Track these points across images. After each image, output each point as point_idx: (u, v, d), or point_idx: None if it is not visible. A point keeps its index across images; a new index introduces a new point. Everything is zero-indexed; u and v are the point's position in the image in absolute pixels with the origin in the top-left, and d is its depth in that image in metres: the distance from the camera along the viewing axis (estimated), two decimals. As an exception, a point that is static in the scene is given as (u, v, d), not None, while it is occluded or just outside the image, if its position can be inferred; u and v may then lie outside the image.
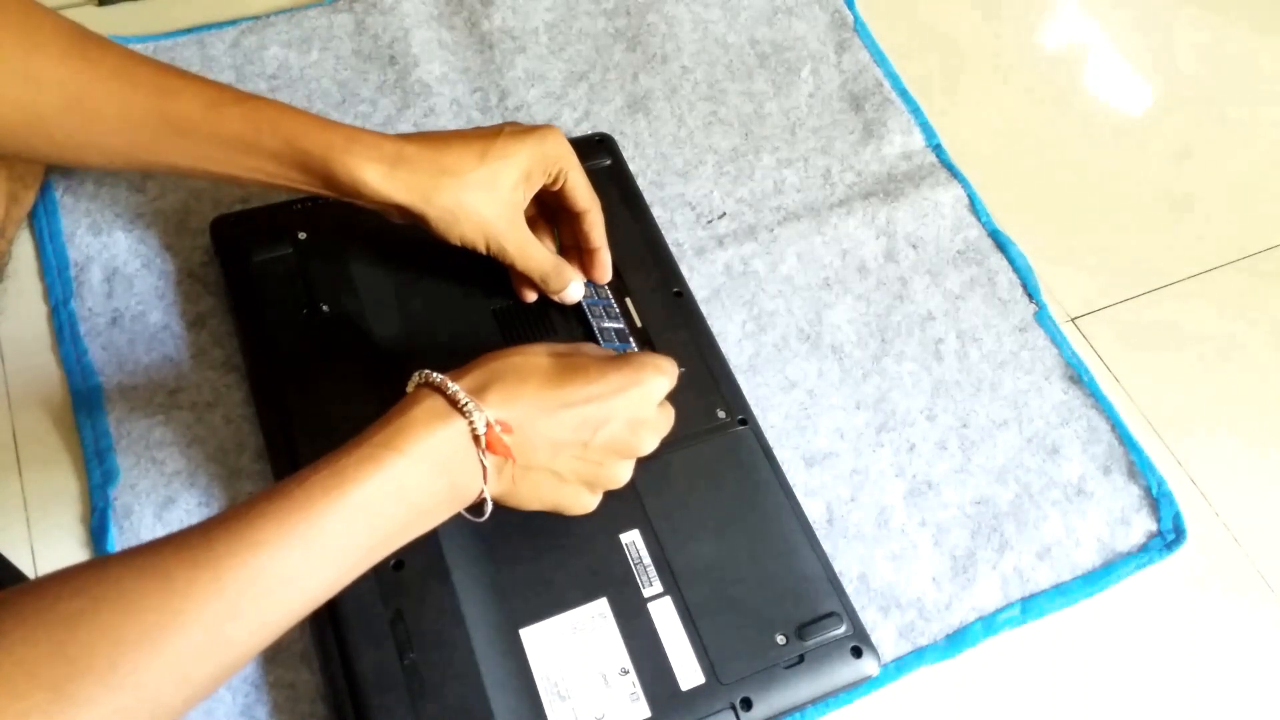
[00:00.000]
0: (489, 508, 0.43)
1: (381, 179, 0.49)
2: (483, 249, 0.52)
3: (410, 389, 0.42)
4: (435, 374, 0.42)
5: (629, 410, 0.45)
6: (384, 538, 0.39)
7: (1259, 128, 0.78)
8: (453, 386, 0.41)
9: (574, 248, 0.57)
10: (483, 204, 0.50)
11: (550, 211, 0.57)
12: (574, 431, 0.44)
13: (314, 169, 0.48)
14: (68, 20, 0.47)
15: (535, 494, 0.45)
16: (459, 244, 0.51)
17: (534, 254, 0.53)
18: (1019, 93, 0.77)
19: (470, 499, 0.42)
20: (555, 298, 0.56)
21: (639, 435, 0.46)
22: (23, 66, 0.45)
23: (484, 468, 0.41)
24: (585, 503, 0.47)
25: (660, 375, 0.47)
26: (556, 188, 0.54)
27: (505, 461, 0.42)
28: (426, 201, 0.49)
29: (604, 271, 0.57)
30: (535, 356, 0.45)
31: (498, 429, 0.41)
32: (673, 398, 0.55)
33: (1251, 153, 0.76)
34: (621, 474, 0.47)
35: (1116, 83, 0.79)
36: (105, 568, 0.34)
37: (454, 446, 0.40)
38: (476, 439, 0.41)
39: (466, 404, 0.41)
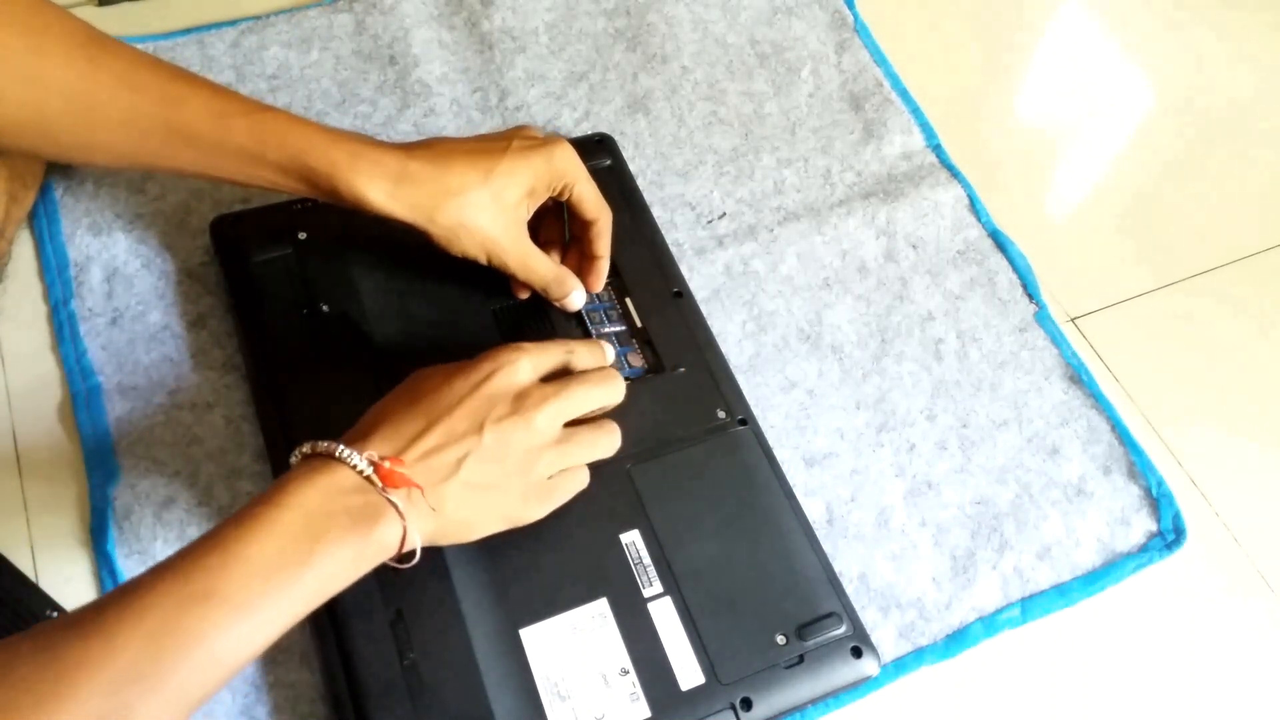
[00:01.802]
0: (418, 550, 0.42)
1: (385, 197, 0.49)
2: (484, 261, 0.52)
3: (293, 462, 0.43)
4: (313, 442, 0.42)
5: (493, 397, 0.45)
6: (295, 594, 0.39)
7: (1259, 127, 0.78)
8: (324, 444, 0.42)
9: (577, 248, 0.57)
10: (485, 222, 0.51)
11: (559, 209, 0.57)
12: (457, 441, 0.44)
13: (319, 184, 0.49)
14: (76, 20, 0.47)
15: (468, 516, 0.45)
16: (460, 256, 0.52)
17: (535, 266, 0.54)
18: (1019, 92, 0.77)
19: (394, 546, 0.42)
20: (557, 305, 0.57)
21: (529, 419, 0.45)
22: (28, 68, 0.45)
23: (394, 505, 0.41)
24: (532, 508, 0.47)
25: (512, 353, 0.47)
26: (563, 199, 0.54)
27: (415, 494, 0.42)
28: (430, 220, 0.50)
29: (598, 280, 0.57)
30: (401, 389, 0.46)
31: (387, 464, 0.41)
32: (674, 398, 0.55)
33: (1252, 152, 0.76)
34: (545, 462, 0.47)
35: (1117, 82, 0.79)
36: None
37: (342, 494, 0.40)
38: (371, 482, 0.41)
39: (341, 451, 0.41)
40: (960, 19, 0.81)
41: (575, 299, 0.56)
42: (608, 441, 0.50)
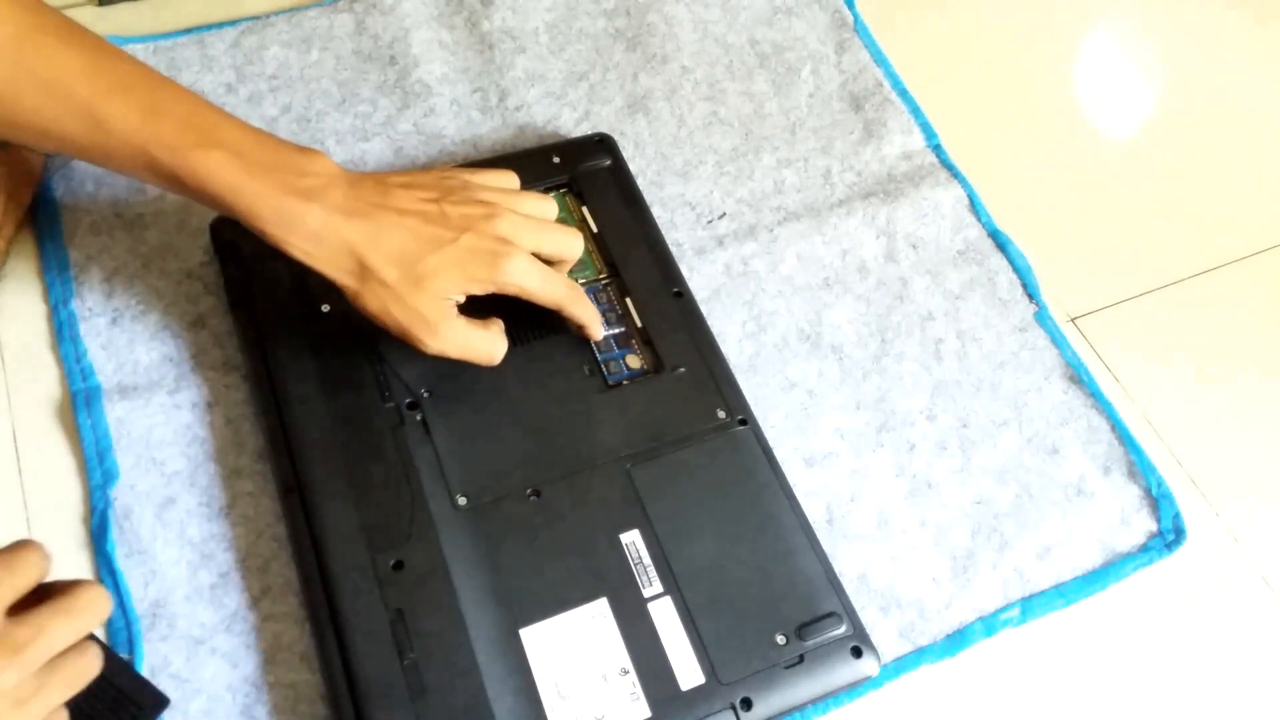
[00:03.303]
0: None
1: (305, 256, 0.48)
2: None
3: None
4: None
5: None
6: None
7: (1260, 126, 0.78)
8: None
9: None
10: (400, 313, 0.49)
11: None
12: None
13: (246, 225, 0.48)
14: (18, 10, 0.45)
15: None
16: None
17: (472, 343, 0.51)
18: (1019, 92, 0.77)
19: None
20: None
21: None
22: None
23: None
24: None
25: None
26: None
27: None
28: (354, 295, 0.49)
29: (593, 332, 0.56)
30: None
31: None
32: (674, 398, 0.55)
33: (1252, 152, 0.76)
34: None
35: (1118, 82, 0.79)
36: None
37: None
38: None
39: None
40: (960, 19, 0.81)
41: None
42: (90, 668, 0.40)
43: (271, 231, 0.48)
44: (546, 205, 0.55)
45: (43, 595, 0.39)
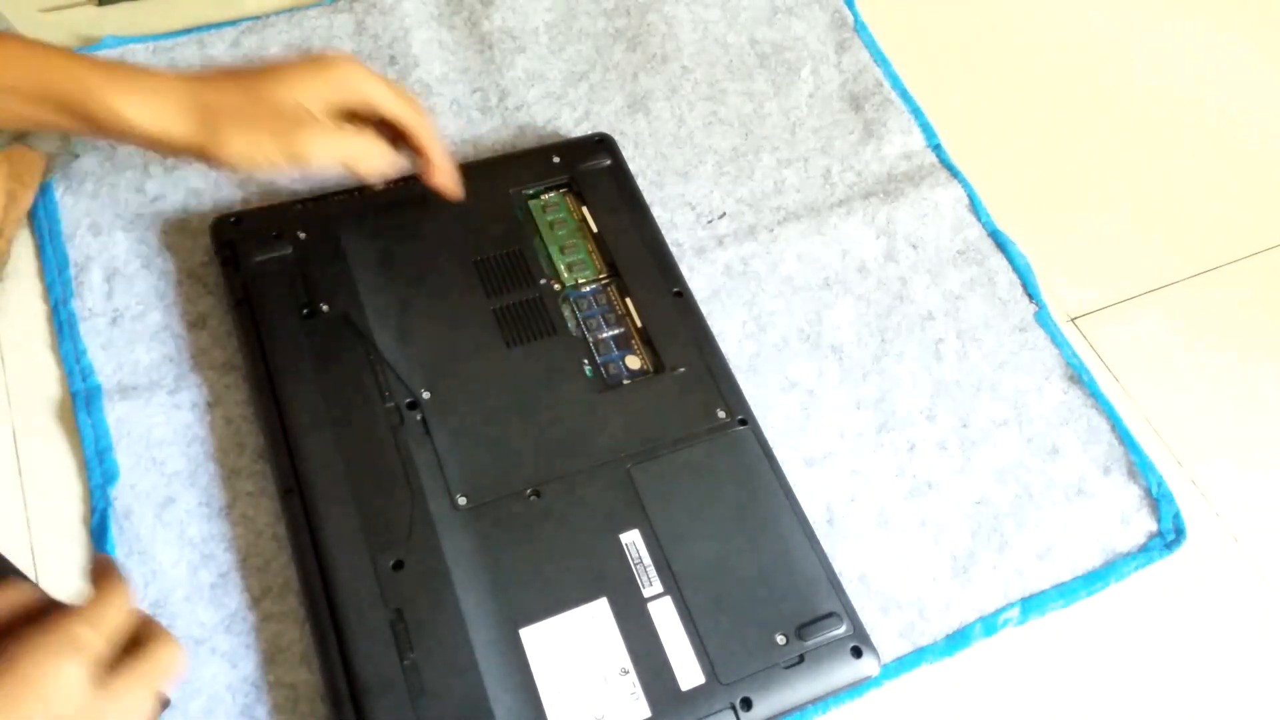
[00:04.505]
0: None
1: (150, 115, 0.48)
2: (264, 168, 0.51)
3: None
4: None
5: None
6: None
7: (1260, 128, 0.78)
8: None
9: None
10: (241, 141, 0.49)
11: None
12: None
13: (74, 110, 0.47)
14: None
15: None
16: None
17: (351, 150, 0.51)
18: (1019, 92, 0.77)
19: None
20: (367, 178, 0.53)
21: None
22: None
23: None
24: None
25: (55, 658, 0.35)
26: (367, 113, 0.52)
27: None
28: (195, 139, 0.49)
29: (444, 179, 0.55)
30: None
31: None
32: (674, 398, 0.55)
33: (1251, 152, 0.76)
34: None
35: (1118, 82, 0.79)
36: None
37: None
38: None
39: None
40: (960, 19, 0.81)
41: (381, 164, 0.53)
42: (171, 667, 0.39)
43: (109, 100, 0.47)
44: None
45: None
